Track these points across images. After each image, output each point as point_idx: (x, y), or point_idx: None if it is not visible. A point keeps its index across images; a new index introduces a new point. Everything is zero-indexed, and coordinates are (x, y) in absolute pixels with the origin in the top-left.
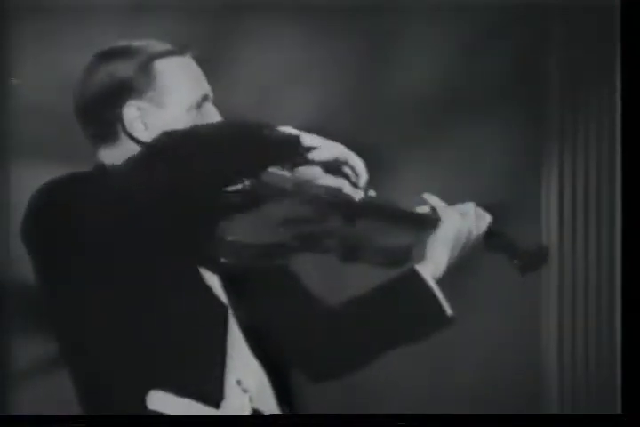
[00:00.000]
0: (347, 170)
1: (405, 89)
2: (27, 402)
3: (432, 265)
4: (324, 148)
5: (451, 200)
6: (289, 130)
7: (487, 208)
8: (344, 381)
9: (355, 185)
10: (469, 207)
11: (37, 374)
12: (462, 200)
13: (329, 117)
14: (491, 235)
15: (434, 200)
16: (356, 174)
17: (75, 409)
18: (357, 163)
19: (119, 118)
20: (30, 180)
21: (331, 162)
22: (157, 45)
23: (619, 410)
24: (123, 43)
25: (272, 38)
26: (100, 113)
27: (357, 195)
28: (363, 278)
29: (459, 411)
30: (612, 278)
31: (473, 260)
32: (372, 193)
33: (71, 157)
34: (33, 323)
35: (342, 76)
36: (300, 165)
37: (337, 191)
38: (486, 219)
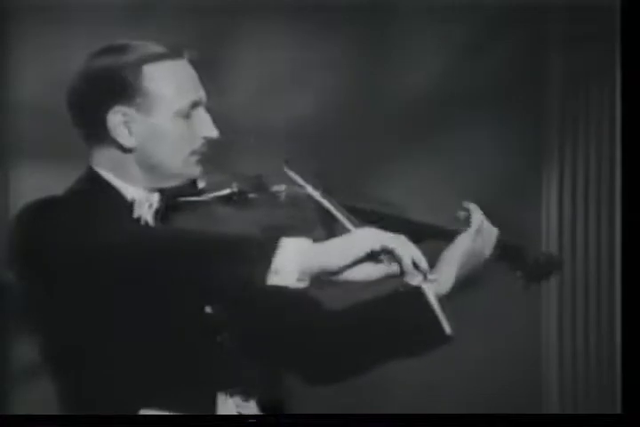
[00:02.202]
0: (389, 254)
1: (405, 89)
2: (27, 402)
3: (438, 282)
4: (351, 247)
5: (450, 201)
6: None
7: (485, 208)
8: (341, 383)
9: (406, 268)
10: (480, 222)
11: (37, 374)
12: (461, 202)
13: (328, 118)
14: (496, 246)
15: (474, 212)
16: (398, 257)
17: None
18: (394, 244)
19: (105, 123)
20: (30, 180)
21: (365, 257)
22: (151, 48)
23: (619, 410)
24: (117, 42)
25: (270, 39)
26: (89, 113)
27: (416, 281)
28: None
29: (459, 411)
30: (612, 278)
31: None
32: (432, 276)
33: (71, 157)
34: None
35: (341, 76)
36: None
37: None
38: (494, 234)
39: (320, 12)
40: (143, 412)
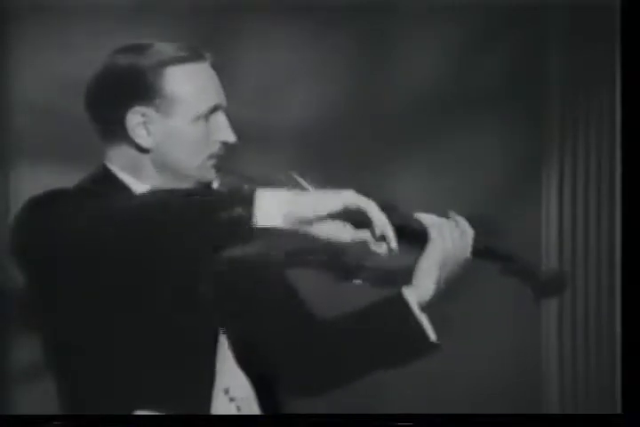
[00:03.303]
0: (362, 217)
1: (405, 90)
2: (27, 402)
3: (419, 289)
4: (328, 198)
5: (450, 201)
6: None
7: (485, 208)
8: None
9: (375, 234)
10: (451, 224)
11: (37, 374)
12: (461, 202)
13: (328, 119)
14: (505, 259)
15: (427, 219)
16: (372, 222)
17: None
18: (370, 208)
19: (123, 122)
20: (30, 180)
21: (340, 212)
22: (174, 49)
23: (619, 410)
24: (140, 41)
25: (271, 39)
26: (107, 111)
27: (382, 249)
28: (363, 293)
29: (459, 411)
30: (613, 278)
31: (471, 270)
32: (394, 245)
33: (72, 157)
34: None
35: (341, 77)
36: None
37: (363, 247)
38: (470, 234)
39: (320, 13)
40: (140, 412)
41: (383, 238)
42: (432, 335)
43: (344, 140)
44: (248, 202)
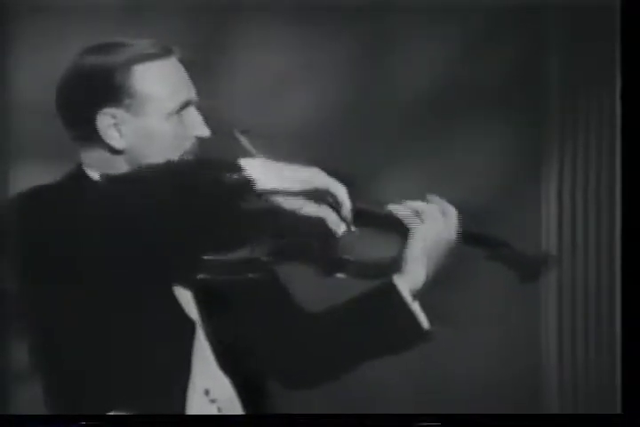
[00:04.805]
0: (329, 199)
1: (404, 91)
2: (27, 402)
3: (410, 276)
4: (301, 177)
5: (449, 201)
6: (256, 166)
7: (485, 208)
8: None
9: (339, 215)
10: (434, 209)
11: (37, 374)
12: (461, 202)
13: (326, 119)
14: (490, 244)
15: (406, 207)
16: (339, 204)
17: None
18: (339, 191)
19: (94, 124)
20: (29, 180)
21: (310, 191)
22: (140, 47)
23: (619, 410)
24: (106, 40)
25: (269, 39)
26: (77, 114)
27: (340, 229)
28: (350, 287)
29: (458, 411)
30: (612, 279)
31: (471, 264)
32: (354, 229)
33: (71, 156)
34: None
35: (339, 77)
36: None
37: (319, 223)
38: (453, 215)
39: (320, 13)
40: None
41: (344, 220)
42: (424, 323)
43: (344, 140)
44: (237, 169)
